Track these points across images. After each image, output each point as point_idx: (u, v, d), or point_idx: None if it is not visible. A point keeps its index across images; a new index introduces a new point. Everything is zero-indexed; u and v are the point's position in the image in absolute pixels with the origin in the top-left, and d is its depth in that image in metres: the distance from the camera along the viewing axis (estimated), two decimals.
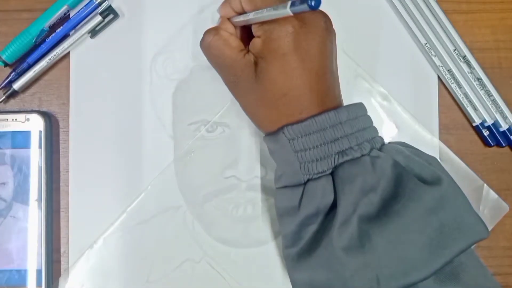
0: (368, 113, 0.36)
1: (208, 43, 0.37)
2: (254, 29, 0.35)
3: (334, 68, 0.36)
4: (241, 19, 0.36)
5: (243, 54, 0.36)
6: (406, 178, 0.32)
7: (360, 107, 0.35)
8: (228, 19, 0.38)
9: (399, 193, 0.32)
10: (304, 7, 0.28)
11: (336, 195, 0.33)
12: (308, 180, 0.34)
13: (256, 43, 0.35)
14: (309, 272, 0.33)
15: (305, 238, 0.34)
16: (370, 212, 0.32)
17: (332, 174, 0.34)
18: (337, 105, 0.35)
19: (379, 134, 0.36)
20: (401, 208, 0.31)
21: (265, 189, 0.42)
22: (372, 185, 0.32)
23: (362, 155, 0.33)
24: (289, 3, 0.30)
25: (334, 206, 0.33)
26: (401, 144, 0.37)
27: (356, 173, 0.32)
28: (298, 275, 0.35)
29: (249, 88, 0.35)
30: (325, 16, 0.35)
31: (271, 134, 0.36)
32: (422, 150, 0.37)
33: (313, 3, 0.28)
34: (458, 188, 0.34)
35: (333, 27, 0.36)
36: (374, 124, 0.36)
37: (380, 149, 0.34)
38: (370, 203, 0.32)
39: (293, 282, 0.36)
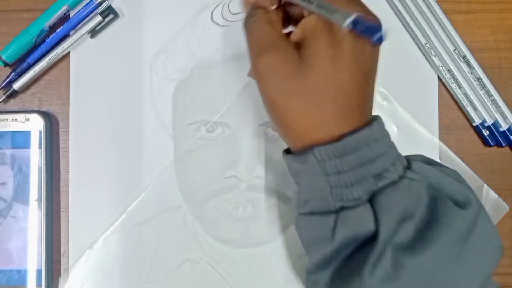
0: None
1: (252, 23, 0.32)
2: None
3: (375, 80, 0.32)
4: None
5: (285, 36, 0.32)
6: (440, 202, 0.30)
7: (381, 120, 0.32)
8: None
9: (434, 218, 0.30)
10: (367, 34, 0.25)
11: (377, 224, 0.29)
12: (342, 207, 0.30)
13: (309, 20, 0.30)
14: None
15: (336, 264, 0.31)
16: (406, 242, 0.29)
17: (369, 200, 0.30)
18: (369, 120, 0.31)
19: None
20: (436, 234, 0.29)
21: (265, 189, 0.42)
22: (410, 211, 0.29)
23: (400, 177, 0.30)
24: (351, 18, 0.27)
25: (372, 236, 0.30)
26: (421, 157, 0.34)
27: (397, 199, 0.29)
28: None
29: (289, 77, 0.30)
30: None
31: (296, 153, 0.32)
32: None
33: (376, 38, 0.25)
34: (482, 205, 0.32)
35: None
36: None
37: (409, 168, 0.31)
38: (407, 232, 0.29)
39: None
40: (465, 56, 0.43)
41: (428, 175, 0.31)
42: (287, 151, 0.33)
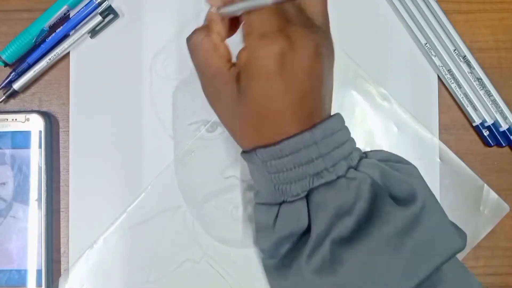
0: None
1: (196, 44, 0.33)
2: (243, 36, 0.32)
3: (326, 86, 0.33)
4: (229, 9, 0.32)
5: (229, 66, 0.32)
6: (381, 200, 0.32)
7: (337, 120, 0.33)
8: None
9: (374, 216, 0.31)
10: None
11: (310, 220, 0.32)
12: (283, 201, 0.33)
13: (242, 54, 0.32)
14: (287, 285, 0.34)
15: (281, 255, 0.34)
16: (344, 236, 0.31)
17: (307, 197, 0.33)
18: (316, 122, 0.33)
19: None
20: (375, 230, 0.31)
21: None
22: (347, 208, 0.31)
23: (338, 177, 0.32)
24: None
25: (308, 230, 0.33)
26: (381, 154, 0.36)
27: (331, 197, 0.32)
28: (277, 285, 0.35)
29: (231, 104, 0.33)
30: (316, 39, 0.31)
31: (246, 153, 0.34)
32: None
33: None
34: (434, 201, 0.34)
35: (332, 46, 0.33)
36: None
37: (357, 167, 0.33)
38: (344, 227, 0.31)
39: None
40: (465, 56, 0.43)
41: (373, 174, 0.33)
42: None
